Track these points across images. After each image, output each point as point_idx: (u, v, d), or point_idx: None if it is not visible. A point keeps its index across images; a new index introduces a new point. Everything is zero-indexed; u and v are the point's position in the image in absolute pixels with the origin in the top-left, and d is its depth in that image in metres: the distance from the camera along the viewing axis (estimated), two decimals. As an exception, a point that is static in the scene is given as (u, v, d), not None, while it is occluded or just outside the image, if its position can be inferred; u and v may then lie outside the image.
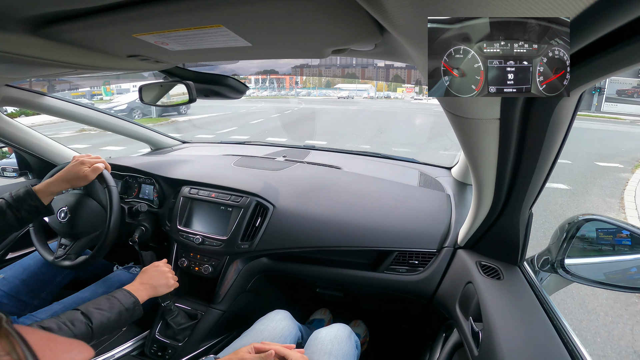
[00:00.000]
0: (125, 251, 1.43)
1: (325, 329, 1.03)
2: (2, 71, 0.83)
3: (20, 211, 0.93)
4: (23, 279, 1.17)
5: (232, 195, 1.26)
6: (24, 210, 0.94)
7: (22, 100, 1.40)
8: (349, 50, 0.65)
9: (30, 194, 0.95)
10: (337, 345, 0.96)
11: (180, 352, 1.16)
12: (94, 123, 1.69)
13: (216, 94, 1.09)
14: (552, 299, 0.80)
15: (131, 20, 0.47)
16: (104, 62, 0.75)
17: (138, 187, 1.46)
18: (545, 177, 0.65)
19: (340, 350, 0.96)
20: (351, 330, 1.08)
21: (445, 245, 1.10)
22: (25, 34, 0.53)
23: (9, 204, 0.92)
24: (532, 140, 0.54)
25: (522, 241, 0.87)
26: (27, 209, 0.94)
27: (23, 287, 1.16)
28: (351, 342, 1.02)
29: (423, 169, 1.61)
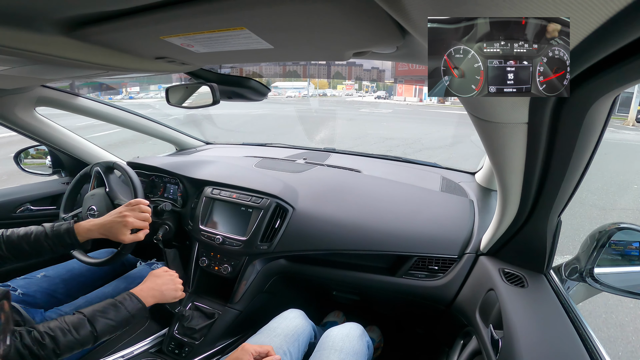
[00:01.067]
0: (149, 248, 1.47)
1: (337, 327, 1.03)
2: (38, 72, 0.88)
3: (56, 246, 0.96)
4: (64, 279, 1.22)
5: (252, 197, 1.27)
6: (60, 245, 0.96)
7: (56, 101, 1.47)
8: (370, 52, 0.64)
9: (70, 233, 0.97)
10: (348, 344, 0.95)
11: (196, 350, 1.18)
12: (124, 123, 1.75)
13: (239, 95, 1.10)
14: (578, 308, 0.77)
15: (158, 22, 0.49)
16: (134, 63, 0.78)
17: (163, 186, 1.51)
18: (576, 183, 0.63)
19: (352, 348, 0.95)
20: (364, 330, 1.07)
21: (467, 251, 1.07)
22: (59, 35, 0.55)
23: (47, 235, 0.95)
24: (562, 145, 0.51)
25: (549, 249, 0.84)
26: (63, 244, 0.97)
27: (62, 286, 1.20)
28: (363, 341, 1.01)
29: (445, 174, 1.58)
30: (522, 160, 0.59)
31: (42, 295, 1.15)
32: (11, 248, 0.92)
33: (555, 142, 0.52)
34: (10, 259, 0.93)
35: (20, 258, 0.95)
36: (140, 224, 1.02)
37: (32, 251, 0.94)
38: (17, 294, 1.09)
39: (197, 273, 1.37)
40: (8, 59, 0.67)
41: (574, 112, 0.44)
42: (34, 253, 0.95)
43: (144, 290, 0.95)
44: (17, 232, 0.95)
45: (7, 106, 1.33)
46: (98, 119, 1.67)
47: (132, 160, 1.60)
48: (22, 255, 0.94)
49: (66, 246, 0.97)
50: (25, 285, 1.13)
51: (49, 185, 1.66)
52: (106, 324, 0.84)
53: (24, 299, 1.10)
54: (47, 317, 1.05)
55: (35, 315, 1.03)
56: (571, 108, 0.44)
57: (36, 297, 1.14)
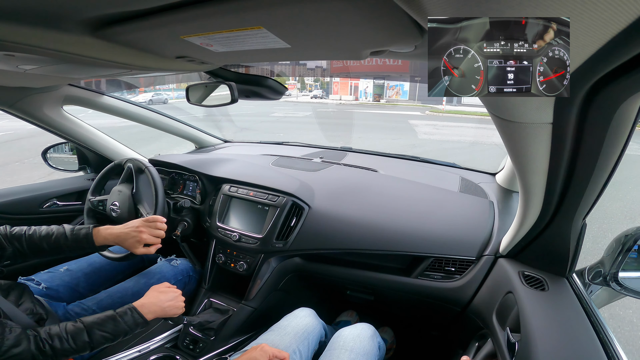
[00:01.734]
0: (169, 244, 1.50)
1: (348, 328, 1.03)
2: (64, 71, 0.91)
3: (74, 249, 1.02)
4: (86, 273, 1.26)
5: (269, 195, 1.28)
6: (77, 248, 1.02)
7: (83, 99, 1.53)
8: (388, 51, 0.64)
9: (88, 238, 1.02)
10: (359, 343, 0.95)
11: (210, 347, 1.20)
12: (147, 122, 1.81)
13: (256, 94, 1.12)
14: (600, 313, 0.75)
15: (179, 22, 0.50)
16: (155, 63, 0.80)
17: (183, 183, 1.54)
18: (602, 185, 0.60)
19: (362, 348, 0.94)
20: (375, 330, 1.06)
21: (486, 253, 1.05)
22: (85, 35, 0.57)
23: (66, 238, 1.01)
24: (588, 146, 0.50)
25: (572, 252, 0.81)
26: (80, 247, 1.03)
27: (84, 280, 1.25)
28: (374, 342, 1.01)
29: (465, 174, 1.55)
30: (546, 161, 0.57)
31: (64, 289, 1.19)
32: (32, 246, 0.98)
33: (581, 143, 0.50)
34: (29, 255, 0.99)
35: (39, 256, 1.00)
36: (154, 240, 1.06)
37: (51, 250, 1.00)
38: (41, 288, 1.14)
39: (214, 270, 1.39)
40: (37, 58, 0.70)
41: (602, 113, 0.43)
42: (52, 252, 1.00)
43: (146, 305, 0.96)
44: (39, 231, 1.00)
45: (36, 104, 1.39)
46: (122, 117, 1.72)
47: (153, 158, 1.64)
48: (40, 254, 1.00)
49: (83, 249, 1.03)
50: (49, 280, 1.18)
51: (75, 182, 1.73)
52: (102, 337, 0.86)
53: (47, 292, 1.14)
54: (70, 311, 1.09)
55: (58, 309, 1.07)
56: (599, 108, 0.43)
57: (59, 290, 1.17)
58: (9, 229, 0.97)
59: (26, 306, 0.93)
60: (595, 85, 0.38)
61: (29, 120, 1.45)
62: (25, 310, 0.91)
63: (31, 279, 1.16)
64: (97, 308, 1.13)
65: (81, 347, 0.83)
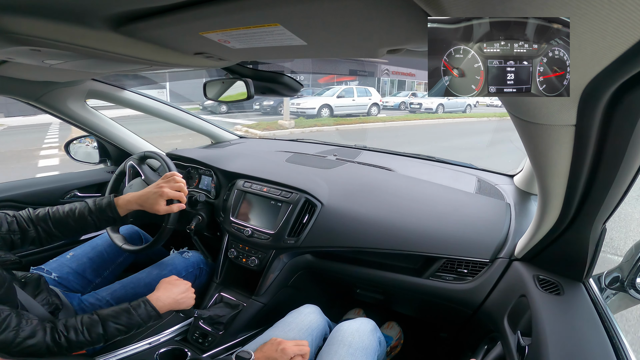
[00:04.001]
0: (181, 237, 1.53)
1: (348, 322, 1.02)
2: (89, 66, 0.94)
3: (100, 220, 1.03)
4: (90, 257, 1.29)
5: (282, 191, 1.29)
6: (103, 219, 1.03)
7: (105, 94, 1.57)
8: (405, 50, 0.63)
9: (111, 206, 1.03)
10: (357, 338, 0.95)
11: (219, 341, 1.21)
12: (165, 116, 1.84)
13: (272, 91, 1.13)
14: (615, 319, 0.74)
15: (197, 18, 0.51)
16: (175, 58, 0.82)
17: (198, 177, 1.56)
18: (625, 190, 0.59)
19: (361, 343, 0.94)
20: (375, 325, 1.06)
21: (500, 256, 1.03)
22: (108, 31, 0.59)
23: (90, 210, 1.01)
24: (612, 149, 0.48)
25: (590, 257, 0.79)
26: (105, 218, 1.03)
27: (89, 264, 1.28)
28: (374, 337, 1.00)
29: (482, 175, 1.52)
30: (567, 164, 0.56)
31: (74, 277, 1.22)
32: (59, 225, 0.99)
33: (604, 146, 0.49)
34: (58, 236, 0.99)
35: (67, 234, 1.01)
36: (175, 194, 1.06)
37: (78, 227, 1.00)
38: (53, 278, 1.17)
39: (226, 264, 1.41)
40: (62, 53, 0.72)
41: (627, 116, 0.41)
42: (79, 229, 1.01)
43: (160, 298, 0.97)
44: (62, 209, 1.01)
45: (60, 98, 1.44)
46: (142, 111, 1.76)
47: (170, 152, 1.68)
48: (68, 232, 1.00)
49: (108, 220, 1.04)
50: (58, 268, 1.20)
51: (95, 174, 1.78)
52: (116, 329, 0.88)
53: (60, 282, 1.17)
54: (85, 301, 1.12)
55: (73, 300, 1.10)
56: (624, 111, 0.41)
57: (69, 279, 1.20)
58: (32, 211, 0.99)
59: (42, 297, 0.95)
60: (621, 87, 0.37)
61: (53, 113, 1.50)
62: (41, 301, 0.94)
63: (41, 269, 1.19)
64: (111, 298, 1.16)
65: (95, 339, 0.85)
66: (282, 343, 0.87)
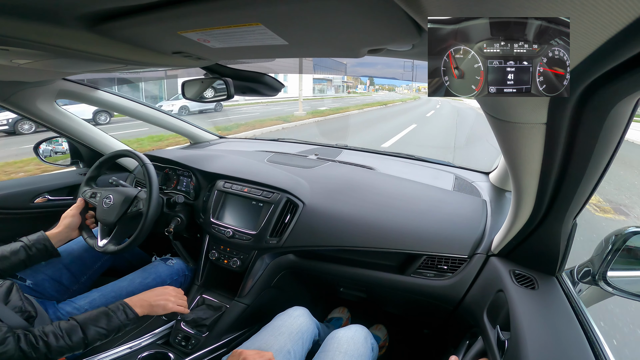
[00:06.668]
0: (163, 243, 1.50)
1: (342, 330, 1.03)
2: (60, 66, 0.90)
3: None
4: (66, 264, 1.24)
5: (263, 191, 1.29)
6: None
7: (77, 93, 1.51)
8: (386, 50, 0.64)
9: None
10: (352, 346, 0.96)
11: (203, 343, 1.19)
12: (141, 116, 1.79)
13: (253, 91, 1.12)
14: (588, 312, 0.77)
15: (176, 17, 0.50)
16: (152, 58, 0.80)
17: (177, 179, 1.53)
18: (593, 186, 0.61)
19: (356, 351, 0.95)
20: (368, 332, 1.08)
21: (478, 252, 1.06)
22: (82, 30, 0.57)
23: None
24: (581, 146, 0.51)
25: (562, 251, 0.83)
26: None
27: (65, 271, 1.23)
28: (367, 344, 1.02)
29: (459, 173, 1.57)
30: (539, 162, 0.58)
31: (49, 283, 1.17)
32: None
33: (574, 144, 0.51)
34: None
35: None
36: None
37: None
38: (27, 285, 1.12)
39: (207, 266, 1.39)
40: (32, 52, 0.69)
41: (595, 114, 0.43)
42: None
43: (136, 300, 0.99)
44: None
45: (29, 98, 1.37)
46: (116, 111, 1.71)
47: (147, 152, 1.63)
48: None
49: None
50: (32, 274, 1.15)
51: (67, 176, 1.71)
52: (97, 332, 0.87)
53: (34, 288, 1.12)
54: (61, 309, 1.08)
55: (49, 308, 1.06)
56: (592, 110, 0.43)
57: (45, 286, 1.16)
58: None
59: (14, 304, 0.92)
60: (589, 87, 0.39)
61: (22, 114, 1.43)
62: (14, 308, 0.90)
63: (15, 275, 1.13)
64: (90, 307, 1.12)
65: (76, 344, 0.83)
66: (242, 353, 0.87)
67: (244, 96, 1.14)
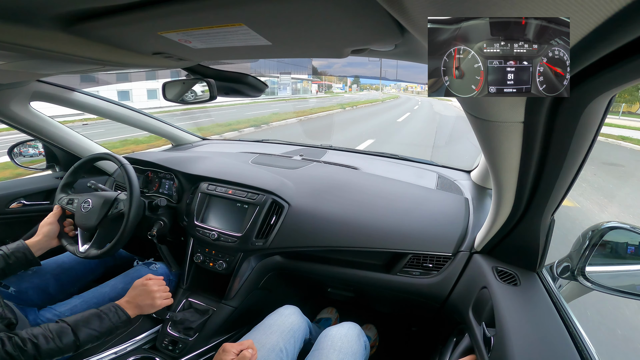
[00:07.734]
0: (146, 246, 1.47)
1: (335, 327, 1.03)
2: (34, 67, 0.87)
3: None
4: (55, 274, 1.21)
5: (248, 193, 1.27)
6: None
7: (52, 95, 1.46)
8: (369, 50, 0.65)
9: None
10: (346, 344, 0.97)
11: (190, 347, 1.18)
12: (120, 118, 1.74)
13: (236, 92, 1.11)
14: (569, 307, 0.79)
15: (157, 18, 0.49)
16: (131, 59, 0.78)
17: (158, 182, 1.50)
18: (569, 183, 0.63)
19: (350, 348, 0.96)
20: (361, 329, 1.08)
21: (461, 249, 1.08)
22: (57, 30, 0.55)
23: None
24: (557, 145, 0.52)
25: (542, 248, 0.85)
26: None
27: (53, 281, 1.20)
28: (360, 341, 1.02)
29: (441, 172, 1.59)
30: (517, 159, 0.60)
31: (34, 291, 1.14)
32: None
33: (550, 142, 0.52)
34: None
35: None
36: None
37: None
38: (10, 291, 1.09)
39: (192, 269, 1.37)
40: (4, 53, 0.66)
41: (570, 112, 0.45)
42: None
43: (125, 303, 0.97)
44: None
45: (2, 101, 1.32)
46: (94, 114, 1.66)
47: (127, 155, 1.59)
48: None
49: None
50: (17, 282, 1.13)
51: (43, 180, 1.65)
52: (89, 334, 0.85)
53: (17, 295, 1.09)
54: (41, 316, 1.05)
55: (29, 314, 1.03)
56: (567, 107, 0.44)
57: (29, 293, 1.13)
58: None
59: None
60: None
61: None
62: None
63: None
64: (71, 314, 1.08)
65: (67, 346, 0.81)
66: (223, 346, 0.88)
67: (227, 97, 1.13)
